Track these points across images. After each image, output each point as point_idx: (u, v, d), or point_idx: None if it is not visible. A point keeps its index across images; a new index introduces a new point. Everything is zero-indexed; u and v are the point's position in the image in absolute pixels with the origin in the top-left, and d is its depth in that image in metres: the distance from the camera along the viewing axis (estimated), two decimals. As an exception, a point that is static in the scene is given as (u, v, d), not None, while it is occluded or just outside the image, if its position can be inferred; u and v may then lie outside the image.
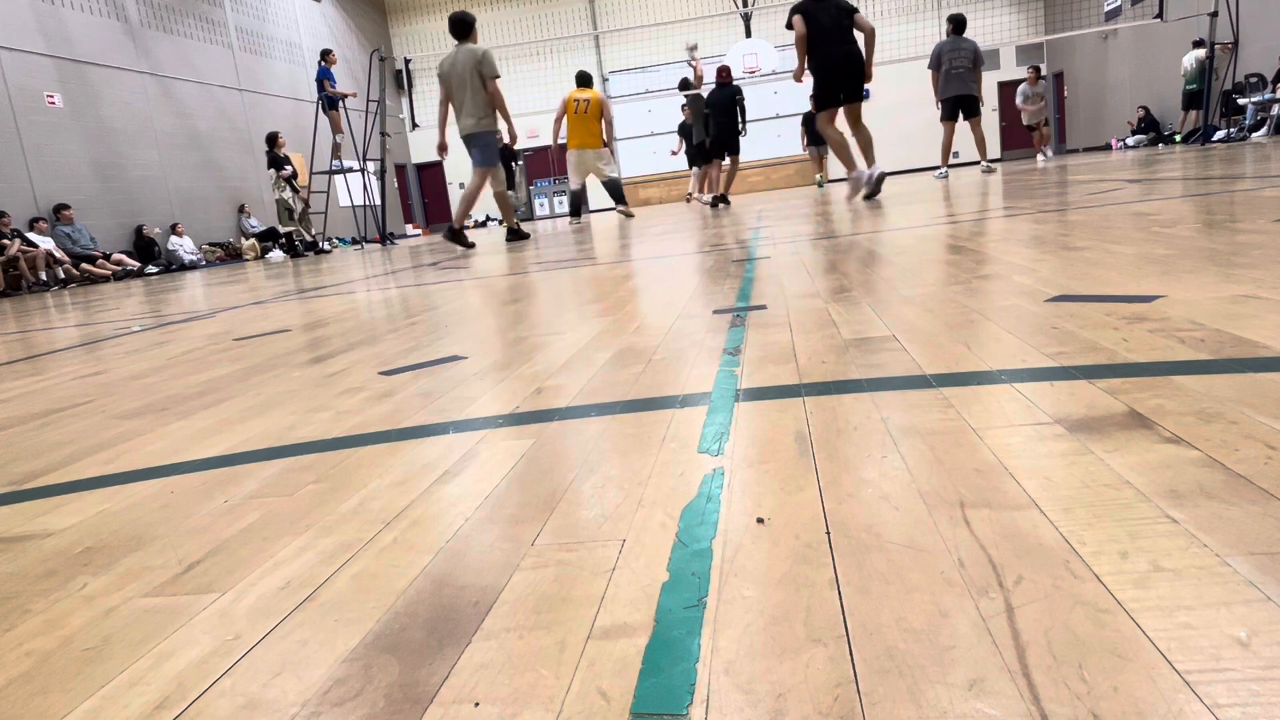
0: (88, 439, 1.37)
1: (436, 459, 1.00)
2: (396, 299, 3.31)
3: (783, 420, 0.99)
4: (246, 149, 14.67)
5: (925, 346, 1.28)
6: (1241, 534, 0.58)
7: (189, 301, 4.72)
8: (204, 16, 14.14)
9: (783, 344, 1.43)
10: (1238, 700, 0.41)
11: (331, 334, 2.39)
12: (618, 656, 0.53)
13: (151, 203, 12.39)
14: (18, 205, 10.13)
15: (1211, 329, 1.16)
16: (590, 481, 0.86)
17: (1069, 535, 0.61)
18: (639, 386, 1.26)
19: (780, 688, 0.47)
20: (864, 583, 0.58)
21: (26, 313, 5.51)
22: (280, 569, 0.73)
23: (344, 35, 18.77)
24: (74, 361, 2.47)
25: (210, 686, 0.55)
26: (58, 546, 0.86)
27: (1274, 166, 4.78)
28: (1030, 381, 1.02)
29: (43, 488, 1.09)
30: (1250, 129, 11.68)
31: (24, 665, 0.61)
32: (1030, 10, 19.77)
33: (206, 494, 0.98)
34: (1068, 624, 0.50)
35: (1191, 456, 0.73)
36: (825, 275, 2.33)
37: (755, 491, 0.78)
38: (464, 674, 0.53)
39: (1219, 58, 12.21)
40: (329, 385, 1.58)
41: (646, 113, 20.56)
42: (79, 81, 11.32)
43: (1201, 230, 2.28)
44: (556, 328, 1.96)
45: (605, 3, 20.76)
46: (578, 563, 0.67)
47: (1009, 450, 0.80)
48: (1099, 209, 3.38)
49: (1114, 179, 5.46)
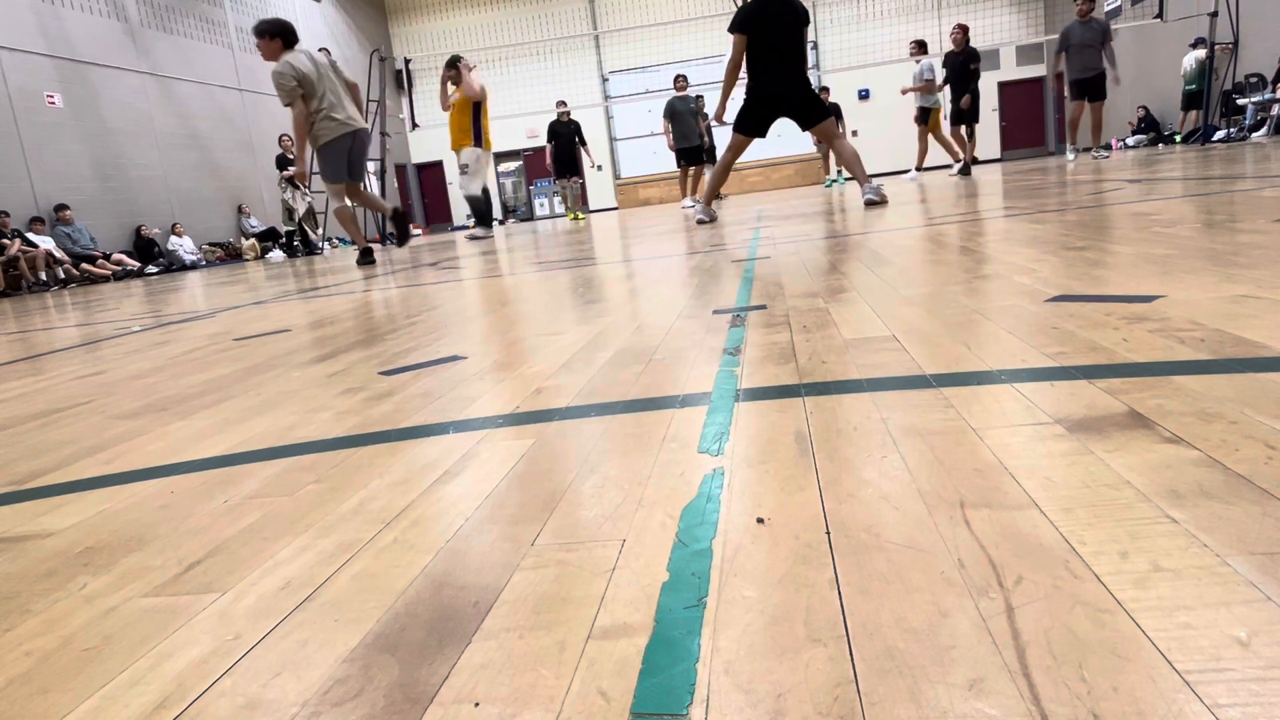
0: (88, 439, 1.37)
1: (436, 459, 1.00)
2: (396, 299, 3.31)
3: (783, 420, 0.99)
4: (246, 149, 14.66)
5: (925, 346, 1.28)
6: (1241, 534, 0.58)
7: (189, 301, 4.72)
8: (204, 16, 14.14)
9: (783, 344, 1.43)
10: (1238, 700, 0.41)
11: (332, 334, 2.39)
12: (618, 656, 0.53)
13: (151, 203, 12.39)
14: (18, 205, 10.13)
15: (1211, 329, 1.16)
16: (590, 481, 0.86)
17: (1069, 535, 0.61)
18: (639, 386, 1.26)
19: (780, 688, 0.47)
20: (864, 583, 0.58)
21: (26, 313, 5.51)
22: (280, 569, 0.73)
23: (344, 35, 18.76)
24: (74, 361, 2.47)
25: (210, 686, 0.55)
26: (58, 546, 0.86)
27: (1274, 166, 4.78)
28: (1030, 381, 1.02)
29: (43, 488, 1.09)
30: (1250, 129, 11.68)
31: (24, 665, 0.61)
32: (1030, 10, 19.77)
33: (206, 494, 0.98)
34: (1068, 624, 0.50)
35: (1191, 456, 0.73)
36: (825, 275, 2.32)
37: (755, 491, 0.78)
38: (464, 674, 0.53)
39: (1219, 58, 12.21)
40: (329, 385, 1.58)
41: (646, 113, 20.54)
42: (79, 81, 11.32)
43: (1201, 230, 2.28)
44: (556, 327, 1.96)
45: (605, 3, 20.75)
46: (578, 563, 0.67)
47: (1009, 450, 0.80)
48: (1099, 209, 3.38)
49: (1114, 179, 5.46)
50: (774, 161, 19.82)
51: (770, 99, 5.84)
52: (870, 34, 19.87)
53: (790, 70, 5.77)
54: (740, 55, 5.78)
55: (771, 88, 5.80)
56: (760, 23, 5.66)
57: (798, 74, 5.80)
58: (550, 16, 20.80)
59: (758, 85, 5.83)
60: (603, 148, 20.68)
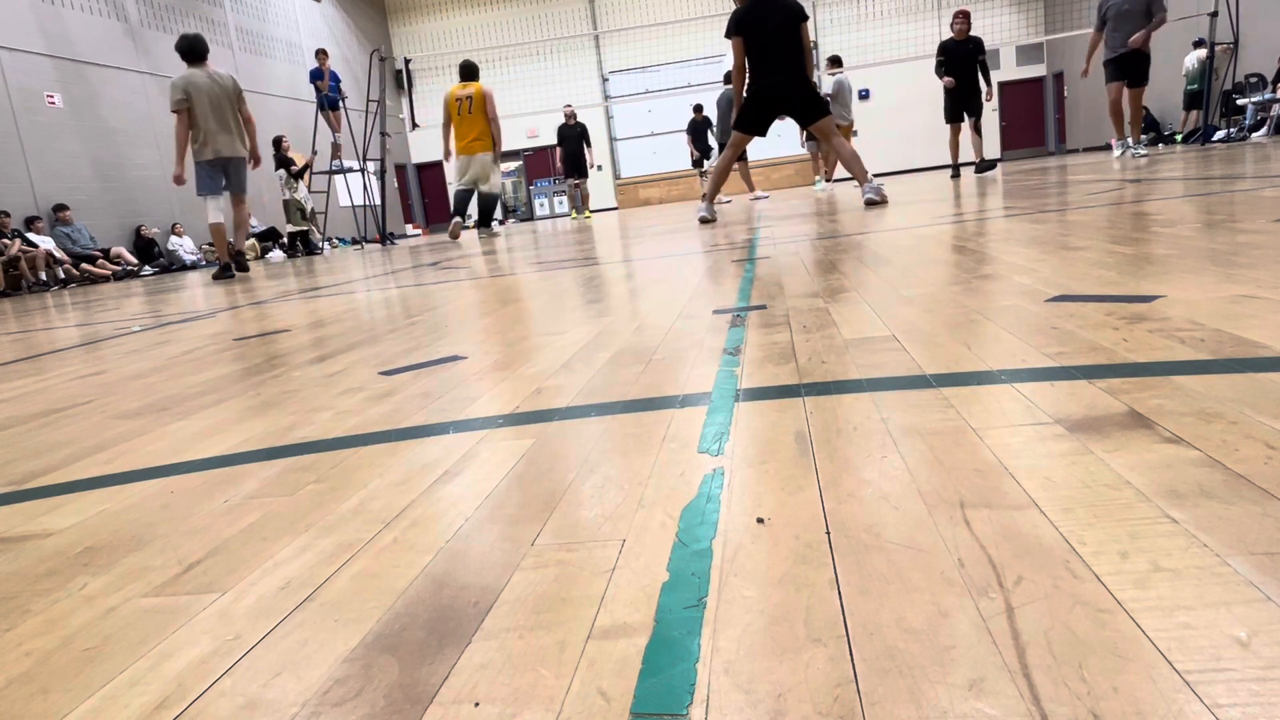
0: (88, 439, 1.37)
1: (436, 459, 1.00)
2: (396, 299, 3.31)
3: (783, 420, 0.99)
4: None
5: (925, 346, 1.28)
6: (1241, 534, 0.58)
7: (189, 301, 4.72)
8: (204, 16, 14.15)
9: (783, 344, 1.43)
10: (1238, 700, 0.41)
11: (331, 334, 2.39)
12: (618, 656, 0.53)
13: (151, 203, 12.39)
14: (18, 205, 10.14)
15: (1211, 329, 1.16)
16: (590, 481, 0.86)
17: (1069, 535, 0.61)
18: (639, 386, 1.26)
19: (780, 688, 0.47)
20: (864, 583, 0.58)
21: (27, 313, 5.51)
22: (280, 569, 0.73)
23: (344, 35, 18.77)
24: (74, 361, 2.47)
25: (210, 686, 0.55)
26: (58, 546, 0.86)
27: (1274, 166, 4.78)
28: (1030, 381, 1.02)
29: (43, 488, 1.09)
30: (1250, 129, 11.68)
31: (24, 665, 0.61)
32: (1030, 10, 19.78)
33: (206, 494, 0.98)
34: (1068, 624, 0.50)
35: (1191, 456, 0.73)
36: (825, 275, 2.33)
37: (755, 491, 0.78)
38: (464, 674, 0.53)
39: (1219, 58, 12.20)
40: (329, 385, 1.58)
41: (646, 113, 20.58)
42: (79, 81, 11.32)
43: (1201, 230, 2.28)
44: (556, 327, 1.96)
45: (605, 3, 20.75)
46: (578, 563, 0.67)
47: (1009, 450, 0.80)
48: (1099, 209, 3.38)
49: (1114, 179, 5.46)
50: (774, 162, 19.84)
51: (769, 99, 5.88)
52: (870, 34, 19.88)
53: (788, 69, 5.79)
54: (741, 58, 5.83)
55: (770, 88, 5.84)
56: (752, 24, 5.71)
57: (796, 72, 5.82)
58: (550, 16, 20.80)
59: (756, 85, 5.87)
60: (603, 148, 20.68)
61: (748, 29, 5.72)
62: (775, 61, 5.77)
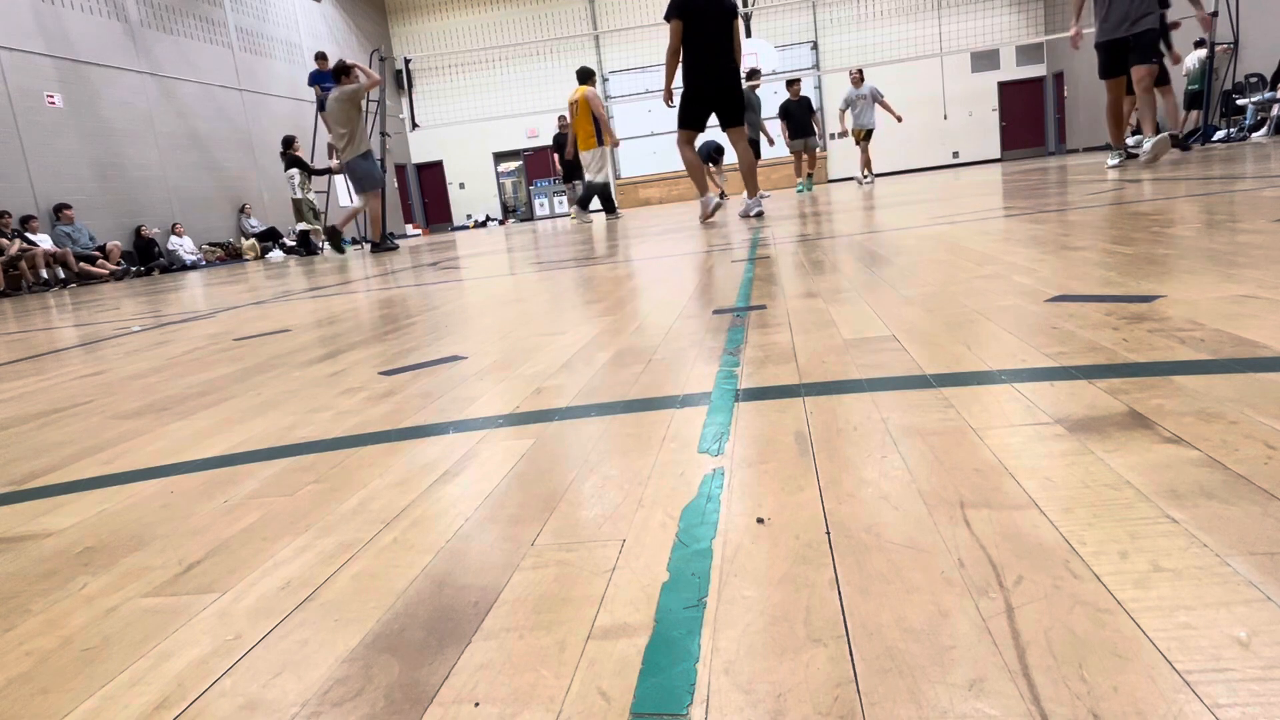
0: (88, 439, 1.37)
1: (436, 459, 1.00)
2: (396, 299, 3.31)
3: (783, 420, 0.99)
4: (246, 149, 14.66)
5: (925, 346, 1.28)
6: (1241, 534, 0.58)
7: (189, 301, 4.72)
8: (204, 16, 14.14)
9: (783, 344, 1.43)
10: (1238, 700, 0.41)
11: (331, 334, 2.39)
12: (618, 656, 0.53)
13: (151, 203, 12.39)
14: (18, 205, 10.13)
15: (1211, 329, 1.16)
16: (590, 481, 0.86)
17: (1069, 535, 0.61)
18: (639, 386, 1.26)
19: (780, 688, 0.47)
20: (864, 583, 0.58)
21: (26, 312, 5.51)
22: (280, 569, 0.73)
23: (344, 35, 18.76)
24: (74, 361, 2.47)
25: (210, 686, 0.55)
26: (58, 546, 0.86)
27: (1274, 166, 4.78)
28: (1030, 381, 1.02)
29: (43, 488, 1.09)
30: (1250, 129, 11.68)
31: (24, 665, 0.61)
32: (1030, 10, 19.77)
33: (206, 494, 0.98)
34: (1068, 624, 0.50)
35: (1191, 456, 0.73)
36: (825, 275, 2.32)
37: (755, 491, 0.78)
38: (464, 674, 0.53)
39: (1219, 58, 12.20)
40: (329, 385, 1.58)
41: (646, 113, 20.54)
42: (79, 81, 11.31)
43: (1201, 230, 2.28)
44: (556, 328, 1.96)
45: (605, 3, 20.75)
46: (578, 563, 0.67)
47: (1009, 450, 0.80)
48: (1099, 209, 3.38)
49: (1114, 179, 5.46)
50: (773, 162, 19.81)
51: (701, 97, 6.02)
52: (870, 34, 19.87)
53: (719, 64, 5.92)
54: (677, 42, 5.94)
55: (702, 85, 5.98)
56: (689, 11, 5.82)
57: (725, 68, 5.94)
58: (550, 16, 20.80)
59: (690, 80, 6.01)
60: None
61: (689, 15, 5.84)
62: (708, 53, 5.89)
